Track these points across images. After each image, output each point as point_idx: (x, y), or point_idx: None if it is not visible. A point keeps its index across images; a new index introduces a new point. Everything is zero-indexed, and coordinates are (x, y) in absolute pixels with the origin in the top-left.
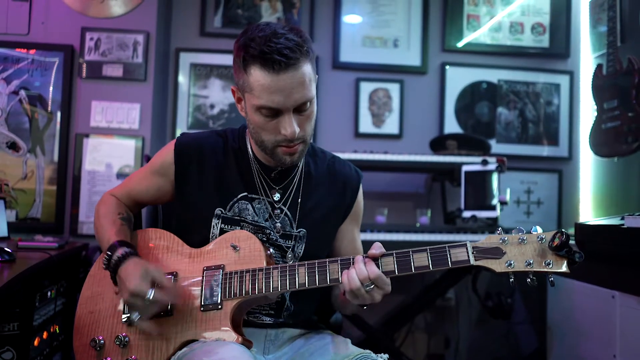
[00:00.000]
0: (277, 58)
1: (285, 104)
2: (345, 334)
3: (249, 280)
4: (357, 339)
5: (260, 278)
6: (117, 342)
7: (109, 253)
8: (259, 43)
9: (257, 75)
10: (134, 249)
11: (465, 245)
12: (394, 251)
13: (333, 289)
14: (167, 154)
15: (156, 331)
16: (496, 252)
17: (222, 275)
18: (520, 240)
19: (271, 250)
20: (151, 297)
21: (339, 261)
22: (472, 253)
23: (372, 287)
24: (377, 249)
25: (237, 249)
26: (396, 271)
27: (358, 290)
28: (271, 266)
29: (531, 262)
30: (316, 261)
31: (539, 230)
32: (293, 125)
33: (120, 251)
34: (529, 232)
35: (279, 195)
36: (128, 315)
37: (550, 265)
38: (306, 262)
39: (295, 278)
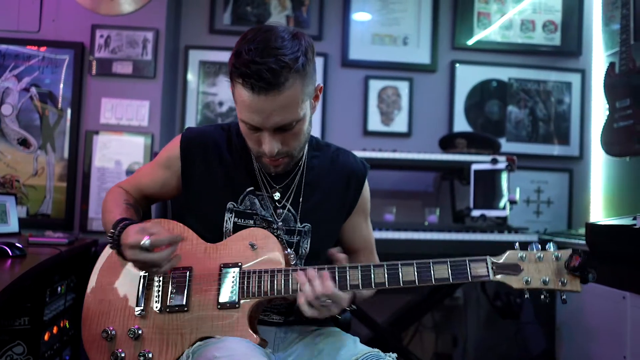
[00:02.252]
0: (255, 82)
1: (263, 124)
2: (353, 332)
3: (268, 280)
4: (365, 338)
5: (280, 279)
6: (130, 335)
7: (112, 230)
8: (243, 61)
9: (240, 91)
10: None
11: (486, 260)
12: (414, 261)
13: None
14: (173, 148)
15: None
16: (514, 269)
17: (239, 274)
18: (537, 258)
19: (289, 250)
20: (147, 243)
21: (359, 267)
22: (492, 268)
23: (329, 302)
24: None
25: (254, 247)
26: (417, 281)
27: (315, 300)
28: (290, 268)
29: (547, 280)
30: (336, 266)
31: (552, 248)
32: (271, 144)
33: (122, 224)
34: (545, 250)
35: (279, 194)
36: (142, 309)
37: (565, 284)
38: (326, 266)
39: None
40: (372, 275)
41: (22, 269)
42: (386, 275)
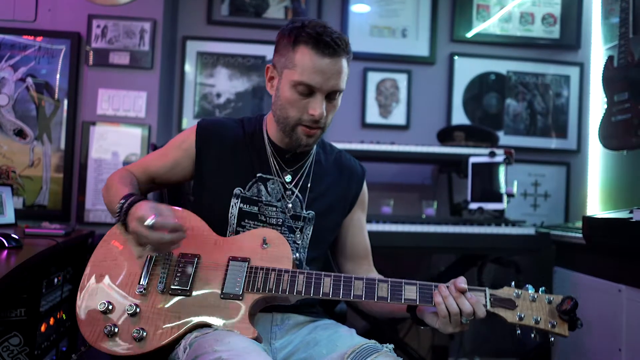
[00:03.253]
0: (329, 41)
1: (322, 85)
2: (349, 324)
3: (274, 278)
4: (362, 330)
5: (286, 279)
6: (129, 311)
7: (122, 200)
8: (314, 27)
9: (305, 54)
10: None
11: (485, 291)
12: (417, 282)
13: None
14: (189, 133)
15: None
16: (510, 304)
17: (247, 268)
18: (531, 298)
19: (297, 254)
20: (150, 223)
21: (364, 279)
22: (490, 299)
23: (471, 319)
24: (463, 283)
25: (265, 246)
26: (417, 301)
27: (455, 316)
28: (297, 270)
29: (539, 319)
30: (342, 275)
31: (542, 292)
32: (322, 107)
33: (132, 198)
34: (537, 292)
35: (290, 177)
36: (144, 287)
37: (554, 327)
38: (332, 274)
39: (320, 287)
40: (376, 289)
41: (18, 260)
42: (389, 291)
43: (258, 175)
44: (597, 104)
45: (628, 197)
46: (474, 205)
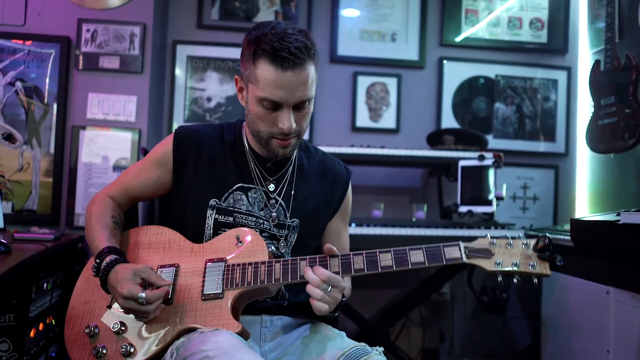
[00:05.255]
0: (287, 56)
1: (287, 100)
2: (340, 328)
3: (251, 271)
4: (352, 333)
5: (263, 270)
6: (114, 329)
7: (98, 261)
8: (271, 39)
9: (265, 69)
10: (122, 256)
11: (459, 244)
12: (391, 248)
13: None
14: (166, 144)
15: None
16: (486, 253)
17: (224, 267)
18: (507, 245)
19: (272, 248)
20: (144, 296)
21: (339, 257)
22: (465, 252)
23: (329, 288)
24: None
25: (239, 243)
26: (394, 266)
27: (321, 295)
28: (273, 259)
29: (517, 262)
30: (317, 256)
31: (521, 237)
32: (291, 120)
33: (107, 259)
34: (514, 238)
35: (273, 186)
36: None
37: (534, 267)
38: (307, 257)
39: (297, 271)
40: (352, 262)
41: (7, 265)
42: (365, 262)
43: (239, 184)
44: (585, 107)
45: (615, 200)
46: (463, 209)
